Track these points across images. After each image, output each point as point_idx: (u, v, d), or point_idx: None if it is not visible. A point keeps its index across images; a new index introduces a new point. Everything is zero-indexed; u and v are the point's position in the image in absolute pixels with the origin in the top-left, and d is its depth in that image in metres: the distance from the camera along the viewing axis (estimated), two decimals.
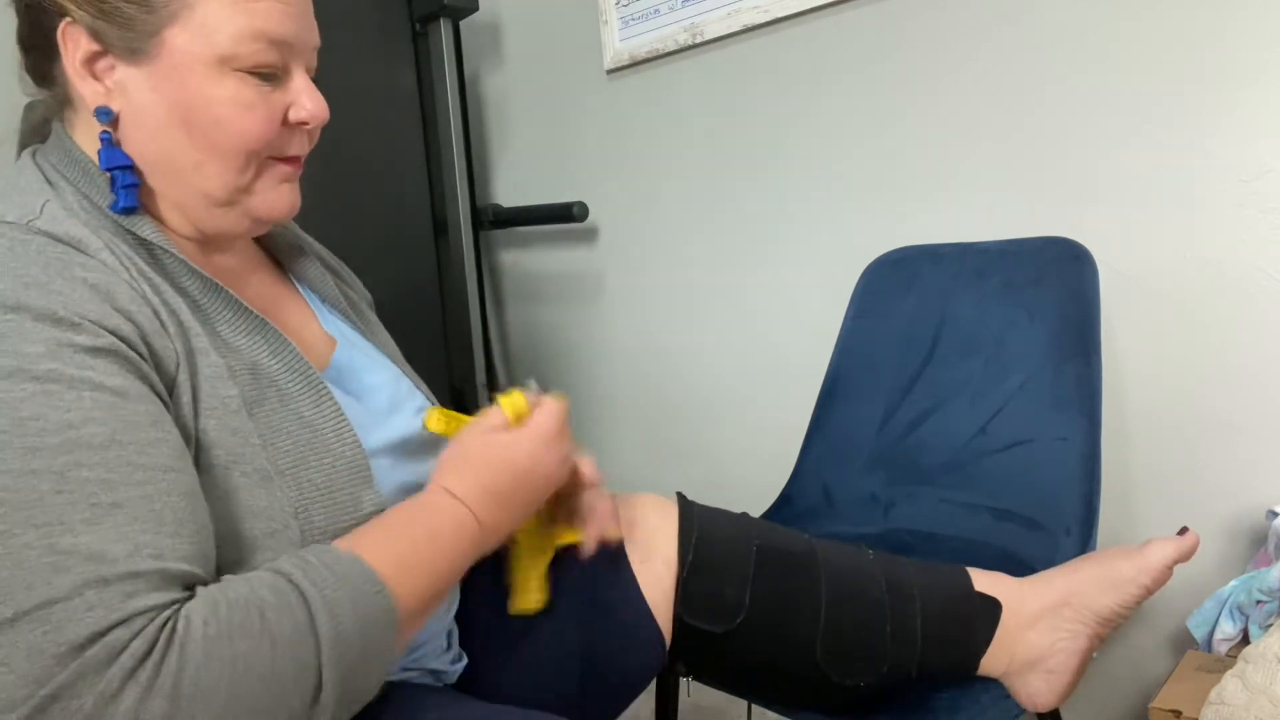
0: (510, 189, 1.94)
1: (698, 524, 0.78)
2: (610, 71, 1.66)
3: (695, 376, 1.65)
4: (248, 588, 0.50)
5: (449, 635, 0.74)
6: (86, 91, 0.60)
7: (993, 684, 0.77)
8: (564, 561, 0.76)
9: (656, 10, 1.55)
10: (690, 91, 1.55)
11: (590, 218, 1.75)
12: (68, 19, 0.58)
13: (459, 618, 0.76)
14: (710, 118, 1.53)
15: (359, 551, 0.54)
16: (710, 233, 1.57)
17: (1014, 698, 0.76)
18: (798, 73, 1.40)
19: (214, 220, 0.64)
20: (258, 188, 0.64)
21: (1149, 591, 0.75)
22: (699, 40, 1.49)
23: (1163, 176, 1.06)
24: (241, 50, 0.59)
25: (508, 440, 0.65)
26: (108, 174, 0.60)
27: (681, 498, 0.81)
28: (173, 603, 0.47)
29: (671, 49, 1.54)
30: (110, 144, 0.60)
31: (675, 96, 1.57)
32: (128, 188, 0.60)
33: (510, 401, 0.67)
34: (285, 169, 0.65)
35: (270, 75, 0.61)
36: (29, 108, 0.67)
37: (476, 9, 1.71)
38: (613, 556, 0.76)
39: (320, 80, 0.68)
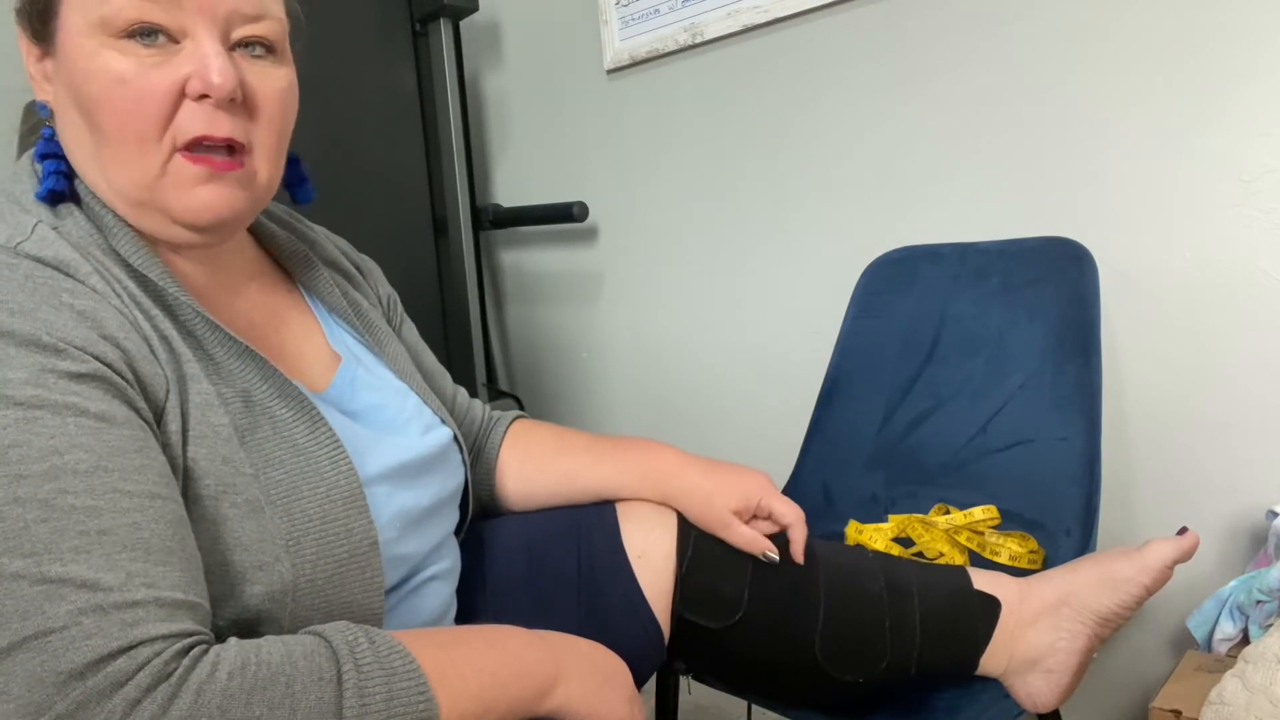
0: (510, 189, 1.94)
1: (694, 531, 0.78)
2: (610, 71, 1.66)
3: (695, 376, 1.65)
4: (283, 652, 0.48)
5: None
6: (38, 93, 0.58)
7: (992, 684, 0.77)
8: (561, 557, 0.77)
9: (656, 10, 1.55)
10: (690, 91, 1.55)
11: (590, 218, 1.75)
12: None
13: (457, 622, 0.76)
14: (710, 118, 1.53)
15: (414, 649, 0.52)
16: (710, 232, 1.57)
17: (1014, 697, 0.76)
18: (798, 73, 1.40)
19: (142, 222, 0.58)
20: (165, 185, 0.56)
21: (1149, 592, 0.75)
22: (699, 40, 1.49)
23: (1163, 176, 1.06)
24: (109, 9, 0.53)
25: (617, 664, 0.65)
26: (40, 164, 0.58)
27: None
28: (179, 634, 0.46)
29: (671, 49, 1.54)
30: (49, 139, 0.58)
31: (675, 96, 1.57)
32: (54, 174, 0.57)
33: None
34: (196, 168, 0.56)
35: (156, 43, 0.54)
36: (30, 107, 0.67)
37: (476, 9, 1.71)
38: (611, 553, 0.76)
39: (320, 80, 0.65)
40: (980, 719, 0.75)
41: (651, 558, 0.76)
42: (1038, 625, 0.75)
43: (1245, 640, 0.93)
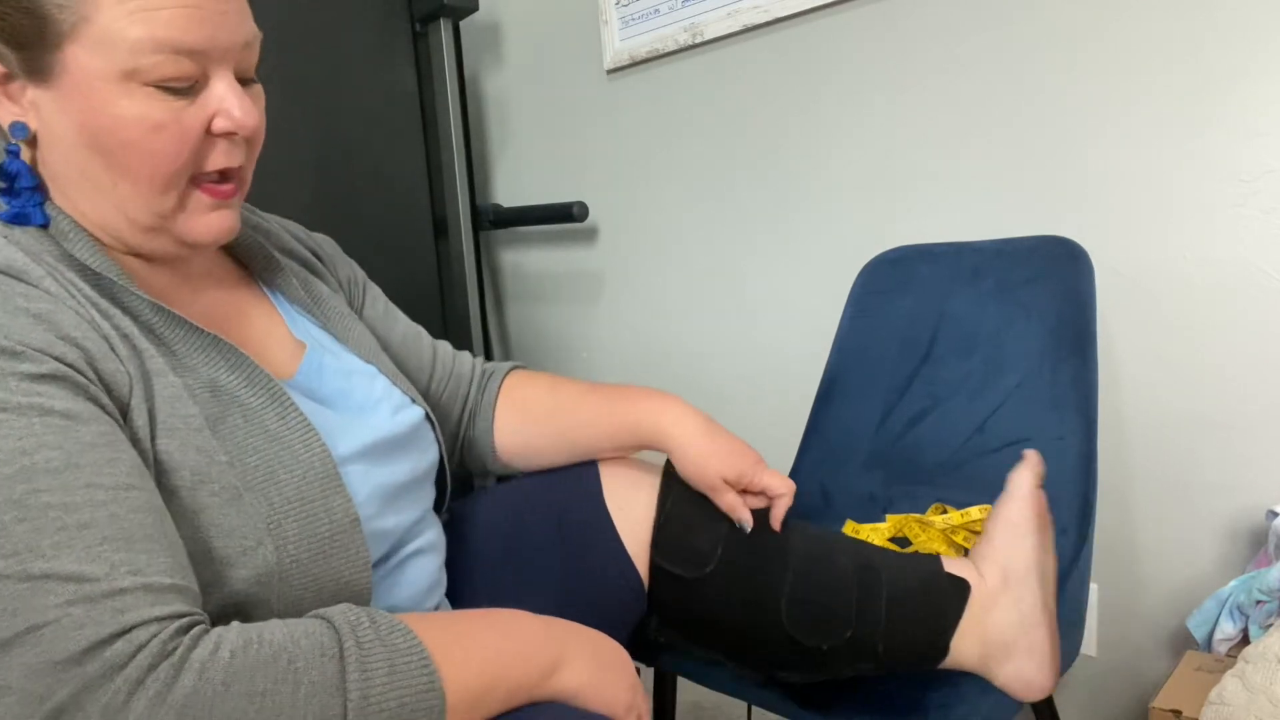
0: (510, 189, 1.94)
1: (678, 481, 0.80)
2: (610, 71, 1.66)
3: (693, 376, 1.65)
4: (285, 631, 0.49)
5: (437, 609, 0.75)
6: (1, 114, 0.58)
7: (982, 681, 0.76)
8: (542, 514, 0.79)
9: (656, 10, 1.55)
10: (690, 91, 1.55)
11: (590, 218, 1.75)
12: None
13: (447, 595, 0.77)
14: (710, 118, 1.53)
15: (417, 628, 0.53)
16: (709, 232, 1.57)
17: (1007, 691, 0.75)
18: (797, 73, 1.40)
19: (142, 243, 0.61)
20: (182, 213, 0.60)
21: (1042, 519, 0.79)
22: (699, 40, 1.49)
23: (1161, 176, 1.06)
24: (144, 63, 0.55)
25: (619, 653, 0.65)
26: (9, 181, 0.58)
27: (668, 462, 0.83)
28: (173, 616, 0.47)
29: (671, 49, 1.54)
30: (16, 156, 0.58)
31: (675, 96, 1.58)
32: (37, 207, 0.58)
33: None
34: (210, 198, 0.61)
35: (183, 89, 0.57)
36: None
37: (476, 9, 1.72)
38: (591, 505, 0.78)
39: (320, 80, 0.65)
40: (973, 717, 0.75)
41: (632, 509, 0.78)
42: (1000, 604, 0.76)
43: (1245, 640, 0.93)
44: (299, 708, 0.46)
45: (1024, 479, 0.81)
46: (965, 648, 0.75)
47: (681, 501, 0.78)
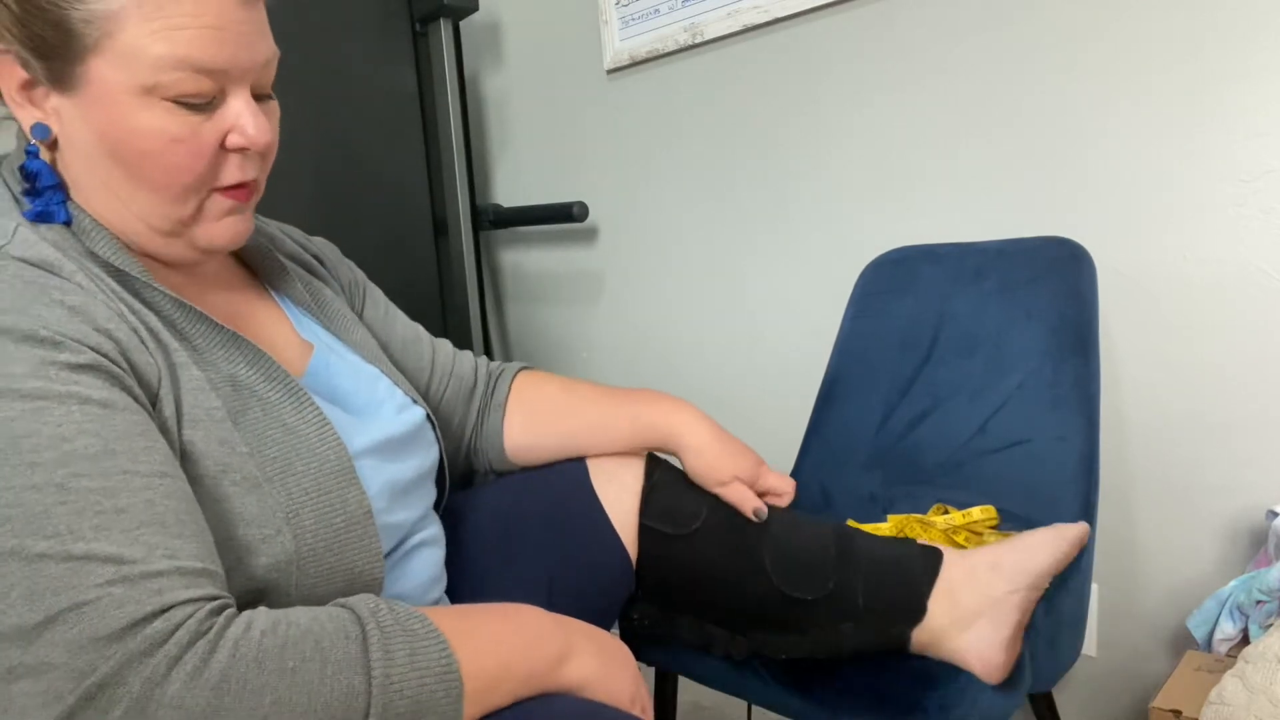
0: (510, 189, 1.94)
1: (664, 460, 0.84)
2: (610, 71, 1.66)
3: (694, 377, 1.65)
4: (310, 615, 0.52)
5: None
6: (23, 117, 0.60)
7: (978, 681, 0.76)
8: (532, 499, 0.82)
9: (656, 10, 1.55)
10: (690, 91, 1.55)
11: (590, 218, 1.75)
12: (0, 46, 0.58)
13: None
14: (710, 118, 1.53)
15: (432, 617, 0.55)
16: (710, 233, 1.57)
17: (959, 661, 0.76)
18: (797, 73, 1.40)
19: (159, 247, 0.63)
20: (200, 219, 0.63)
21: (1062, 562, 0.81)
22: (699, 40, 1.49)
23: (1162, 176, 1.06)
24: (164, 79, 0.56)
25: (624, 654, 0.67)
26: (30, 181, 0.59)
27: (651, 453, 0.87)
28: (206, 598, 0.49)
29: (671, 49, 1.54)
30: (35, 157, 0.60)
31: (675, 96, 1.58)
32: (60, 205, 0.60)
33: None
34: (228, 202, 0.63)
35: (201, 105, 0.59)
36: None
37: (476, 9, 1.72)
38: (578, 483, 0.82)
39: (320, 80, 0.66)
40: (972, 716, 0.75)
41: (620, 479, 0.82)
42: (976, 579, 0.78)
43: (1245, 640, 0.93)
44: (326, 683, 0.48)
45: (1080, 528, 0.83)
46: (939, 612, 0.77)
47: (668, 472, 0.83)
